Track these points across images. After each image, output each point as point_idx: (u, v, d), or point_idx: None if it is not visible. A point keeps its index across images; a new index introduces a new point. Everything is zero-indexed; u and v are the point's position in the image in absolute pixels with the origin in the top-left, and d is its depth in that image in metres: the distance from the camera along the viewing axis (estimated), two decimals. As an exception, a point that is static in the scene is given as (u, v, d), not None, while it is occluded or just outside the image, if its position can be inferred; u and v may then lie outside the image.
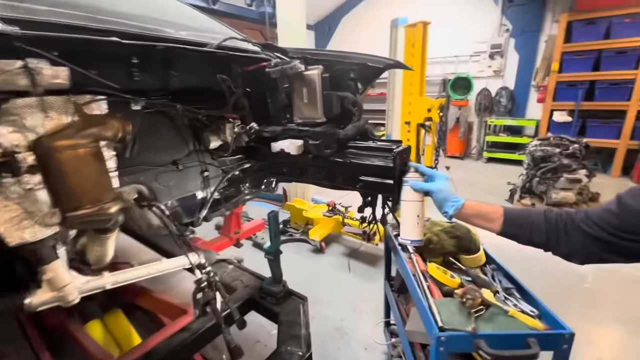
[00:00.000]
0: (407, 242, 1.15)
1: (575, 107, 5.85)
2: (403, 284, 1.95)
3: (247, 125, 1.37)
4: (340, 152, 1.33)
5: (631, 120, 5.50)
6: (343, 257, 3.47)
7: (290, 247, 3.73)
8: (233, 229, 2.36)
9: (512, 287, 1.31)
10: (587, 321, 2.39)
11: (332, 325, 2.44)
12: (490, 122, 7.08)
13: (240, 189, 1.64)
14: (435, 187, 1.07)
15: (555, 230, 0.96)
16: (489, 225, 1.05)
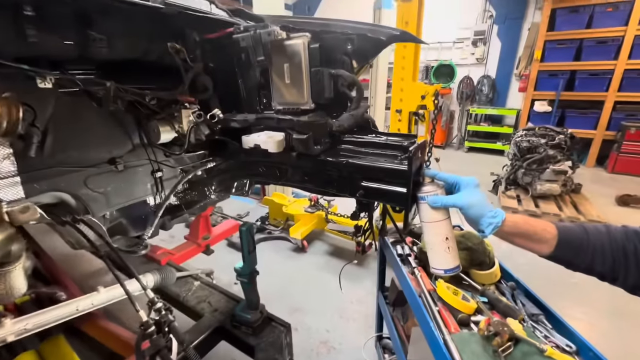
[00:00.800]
0: (440, 272, 0.89)
1: (556, 97, 5.85)
2: (399, 296, 1.71)
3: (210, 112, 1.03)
4: (333, 149, 1.03)
5: (608, 111, 5.57)
6: (327, 256, 3.21)
7: (269, 245, 3.43)
8: (201, 233, 2.02)
9: (539, 314, 1.09)
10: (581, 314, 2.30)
11: (318, 338, 2.19)
12: (472, 111, 7.00)
13: (204, 193, 1.31)
14: (464, 202, 0.80)
15: (624, 255, 0.73)
16: (536, 247, 0.81)
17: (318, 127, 0.97)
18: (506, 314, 1.08)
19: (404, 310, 1.66)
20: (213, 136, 1.09)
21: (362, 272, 2.92)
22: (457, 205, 0.81)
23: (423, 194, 0.85)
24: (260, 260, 1.46)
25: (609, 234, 0.75)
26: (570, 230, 0.78)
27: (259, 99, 1.17)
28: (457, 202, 0.80)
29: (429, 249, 0.92)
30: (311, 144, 0.94)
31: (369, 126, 1.03)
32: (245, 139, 1.02)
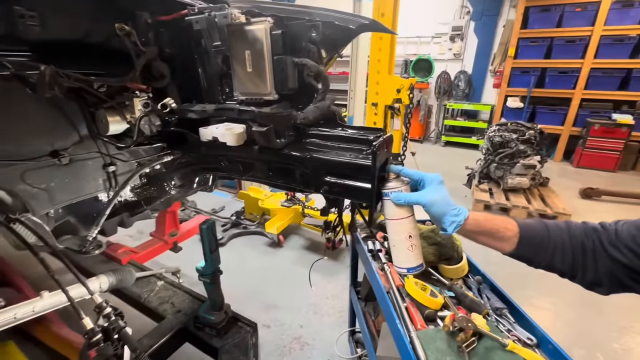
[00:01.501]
0: (403, 270, 0.87)
1: (528, 93, 6.04)
2: (371, 291, 1.71)
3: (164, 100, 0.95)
4: (298, 143, 0.98)
5: (575, 108, 5.82)
6: (303, 251, 3.18)
7: (245, 240, 3.36)
8: (168, 229, 1.93)
9: (503, 308, 1.10)
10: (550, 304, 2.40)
11: (291, 335, 2.16)
12: (449, 106, 7.12)
13: (164, 188, 1.23)
14: (427, 199, 0.78)
15: (582, 253, 0.73)
16: (498, 245, 0.80)
17: (281, 119, 0.91)
18: (471, 309, 1.09)
19: (374, 305, 1.66)
20: (168, 127, 1.01)
21: (338, 267, 2.91)
22: (420, 203, 0.78)
23: (387, 190, 0.82)
24: (235, 256, 1.40)
25: (569, 230, 0.75)
26: (531, 227, 0.78)
27: (221, 89, 1.10)
28: (420, 200, 0.78)
29: (392, 246, 0.90)
30: (273, 136, 0.89)
31: (336, 119, 0.99)
32: (202, 131, 0.95)
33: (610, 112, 5.56)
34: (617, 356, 2.02)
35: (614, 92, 5.51)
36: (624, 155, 5.42)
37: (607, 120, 5.39)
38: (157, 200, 1.25)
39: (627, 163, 5.56)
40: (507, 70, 6.19)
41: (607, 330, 2.20)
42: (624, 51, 5.28)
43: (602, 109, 5.69)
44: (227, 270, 1.58)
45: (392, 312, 1.10)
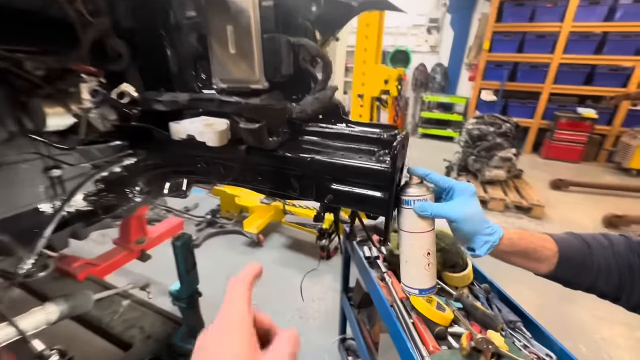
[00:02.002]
0: (414, 291, 0.73)
1: (501, 86, 6.18)
2: (364, 298, 1.59)
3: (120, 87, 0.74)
4: (293, 142, 0.81)
5: (544, 102, 6.04)
6: (285, 250, 3.03)
7: (221, 240, 3.14)
8: (134, 236, 1.69)
9: (517, 321, 1.02)
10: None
11: (276, 343, 2.01)
12: (425, 98, 7.15)
13: (126, 195, 1.01)
14: (460, 214, 0.65)
15: (630, 273, 0.64)
16: (533, 266, 0.69)
17: (273, 113, 0.74)
18: (484, 324, 1.00)
19: (369, 313, 1.55)
20: (129, 122, 0.80)
21: (322, 267, 2.78)
22: (450, 217, 0.65)
23: (409, 197, 0.69)
24: (211, 257, 1.21)
25: (613, 247, 0.66)
26: (571, 245, 0.68)
27: (196, 74, 0.89)
28: (451, 214, 0.65)
29: (404, 261, 0.76)
30: (265, 135, 0.71)
31: (339, 113, 0.83)
32: (174, 127, 0.75)
33: (576, 106, 5.81)
34: (597, 346, 2.08)
35: (580, 86, 5.75)
36: (587, 148, 5.72)
37: (573, 114, 5.64)
38: (118, 208, 1.04)
39: (590, 154, 5.88)
40: (481, 64, 6.28)
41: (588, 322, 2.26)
42: (590, 47, 5.50)
43: (568, 103, 5.94)
44: (203, 274, 1.39)
45: (399, 330, 0.99)
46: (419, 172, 0.70)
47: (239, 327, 0.35)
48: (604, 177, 5.20)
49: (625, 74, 5.37)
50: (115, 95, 0.71)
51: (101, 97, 0.68)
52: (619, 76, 5.41)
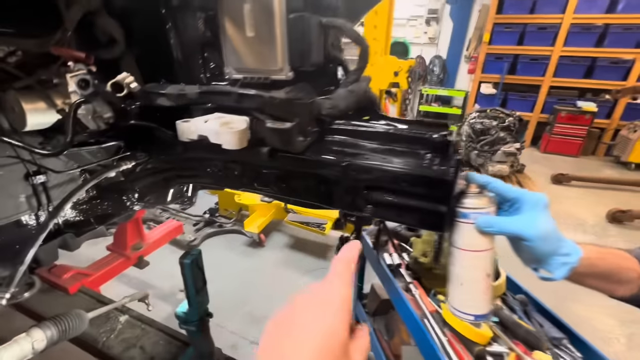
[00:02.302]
0: (469, 317, 0.63)
1: (500, 79, 6.10)
2: (380, 306, 1.50)
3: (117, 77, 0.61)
4: (321, 142, 0.69)
5: (544, 95, 5.98)
6: (288, 250, 2.92)
7: (220, 241, 3.02)
8: (130, 242, 1.56)
9: (562, 337, 0.92)
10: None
11: (283, 351, 1.91)
12: (424, 92, 7.05)
13: (123, 203, 0.88)
14: (535, 232, 0.54)
15: None
16: (610, 288, 0.60)
17: (302, 109, 0.62)
18: (528, 342, 0.90)
19: (386, 322, 1.46)
20: (126, 120, 0.67)
21: (324, 264, 2.69)
22: (524, 236, 0.54)
23: (468, 210, 0.58)
24: (211, 258, 1.08)
25: None
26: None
27: (204, 63, 0.77)
28: (526, 232, 0.54)
29: (456, 284, 0.66)
30: (295, 136, 0.59)
31: (375, 109, 0.71)
32: (183, 126, 0.63)
33: (575, 100, 5.77)
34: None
35: (580, 80, 5.71)
36: (586, 141, 5.70)
37: (573, 107, 5.60)
38: (113, 217, 0.91)
39: (588, 148, 5.86)
40: (481, 56, 6.19)
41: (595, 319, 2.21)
42: (591, 40, 5.44)
43: (568, 96, 5.89)
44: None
45: (434, 349, 0.88)
46: (479, 179, 0.59)
47: (339, 305, 0.34)
48: (603, 171, 5.19)
49: (625, 67, 5.33)
50: (110, 87, 0.58)
51: (92, 90, 0.55)
52: (619, 69, 5.38)
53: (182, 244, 2.79)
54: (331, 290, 0.37)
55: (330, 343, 0.32)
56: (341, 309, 0.34)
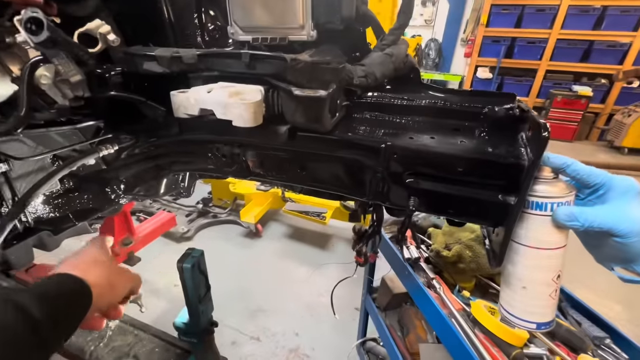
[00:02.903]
0: (531, 325, 0.53)
1: (497, 63, 5.99)
2: (393, 299, 1.41)
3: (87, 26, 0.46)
4: (350, 119, 0.57)
5: (540, 79, 5.91)
6: (286, 240, 2.81)
7: (216, 231, 2.88)
8: (119, 236, 1.42)
9: (604, 337, 0.84)
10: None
11: (286, 346, 1.84)
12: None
13: (106, 196, 0.74)
14: (631, 227, 0.43)
15: None
16: None
17: (332, 76, 0.49)
18: (571, 344, 0.82)
19: (399, 317, 1.37)
20: (104, 91, 0.52)
21: (327, 256, 2.61)
22: (617, 232, 0.44)
23: (543, 199, 0.46)
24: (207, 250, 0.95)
25: None
26: None
27: (201, 22, 0.62)
28: (619, 227, 0.43)
29: (517, 287, 0.55)
30: (326, 110, 0.47)
31: (417, 78, 0.58)
32: (178, 98, 0.49)
33: (571, 84, 5.72)
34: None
35: (576, 63, 5.64)
36: (580, 126, 5.69)
37: (569, 91, 5.55)
38: (95, 213, 0.77)
39: (583, 133, 5.87)
40: (478, 39, 6.04)
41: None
42: (589, 22, 5.35)
43: (563, 80, 5.84)
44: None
45: (469, 353, 0.79)
46: (555, 161, 0.47)
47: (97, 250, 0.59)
48: (597, 155, 5.21)
49: (622, 50, 5.28)
50: (77, 38, 0.43)
51: (48, 35, 0.39)
52: (616, 52, 5.32)
53: (175, 236, 2.66)
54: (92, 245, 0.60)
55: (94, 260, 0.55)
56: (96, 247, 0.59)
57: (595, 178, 0.47)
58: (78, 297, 0.48)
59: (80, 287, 0.48)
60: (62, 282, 0.47)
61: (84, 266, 0.53)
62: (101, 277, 0.52)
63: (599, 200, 0.48)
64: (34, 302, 0.40)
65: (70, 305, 0.46)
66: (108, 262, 0.57)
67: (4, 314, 0.38)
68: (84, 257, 0.56)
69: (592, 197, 0.49)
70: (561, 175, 0.49)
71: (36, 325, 0.39)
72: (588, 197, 0.49)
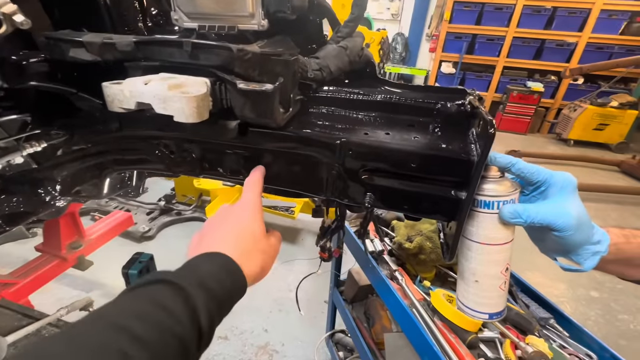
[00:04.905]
0: (483, 316, 0.55)
1: (460, 59, 6.24)
2: (360, 291, 1.43)
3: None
4: (305, 115, 0.55)
5: (498, 75, 6.25)
6: (254, 236, 2.75)
7: (180, 230, 2.76)
8: (65, 240, 1.30)
9: (549, 317, 0.91)
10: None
11: (255, 344, 1.81)
12: (387, 70, 7.00)
13: (40, 198, 0.67)
14: (570, 221, 0.46)
15: None
16: (631, 273, 0.54)
17: (283, 69, 0.46)
18: (520, 327, 0.87)
19: (365, 309, 1.40)
20: (24, 80, 0.46)
21: (294, 250, 2.60)
22: (557, 227, 0.46)
23: (490, 197, 0.48)
24: (169, 251, 0.93)
25: None
26: None
27: (142, 6, 0.57)
28: (559, 222, 0.46)
29: (470, 280, 0.57)
30: (277, 103, 0.44)
31: (373, 71, 0.57)
32: (111, 90, 0.44)
33: (525, 80, 6.11)
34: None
35: (530, 61, 6.02)
36: (533, 120, 6.11)
37: (523, 87, 5.92)
38: (29, 217, 0.69)
39: (535, 126, 6.30)
40: (442, 35, 6.23)
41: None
42: (541, 22, 5.71)
43: (518, 76, 6.21)
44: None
45: (427, 340, 0.82)
46: (502, 161, 0.49)
47: (252, 210, 0.48)
48: (547, 147, 5.63)
49: (569, 49, 5.70)
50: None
51: None
52: (564, 51, 5.74)
53: (136, 236, 2.50)
54: (246, 200, 0.49)
55: (246, 234, 0.45)
56: (254, 212, 0.48)
57: (538, 175, 0.49)
58: (235, 297, 0.40)
59: (241, 284, 0.40)
60: (223, 273, 0.38)
61: (243, 249, 0.43)
62: (257, 264, 0.44)
63: (541, 196, 0.50)
64: (203, 308, 0.33)
65: (228, 308, 0.39)
66: (264, 240, 0.46)
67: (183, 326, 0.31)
68: (242, 228, 0.45)
69: (535, 193, 0.51)
70: (507, 174, 0.51)
71: (200, 337, 0.33)
72: (532, 194, 0.51)
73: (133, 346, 0.27)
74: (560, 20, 5.62)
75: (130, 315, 0.30)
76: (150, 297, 0.32)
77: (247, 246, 0.44)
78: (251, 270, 0.42)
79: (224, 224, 0.46)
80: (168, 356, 0.29)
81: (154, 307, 0.31)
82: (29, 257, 1.69)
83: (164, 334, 0.30)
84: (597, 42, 5.53)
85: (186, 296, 0.33)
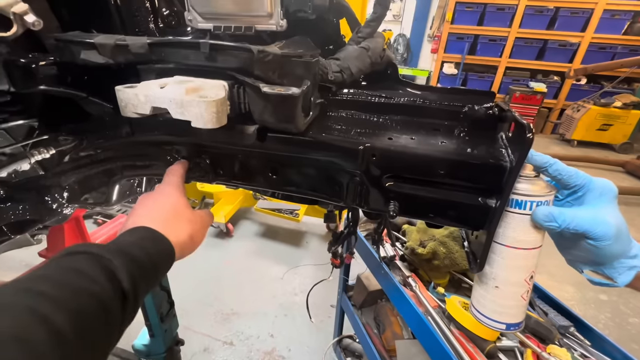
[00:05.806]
0: (501, 326, 0.53)
1: (462, 60, 6.22)
2: (369, 297, 1.41)
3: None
4: (323, 119, 0.52)
5: (500, 75, 6.23)
6: (258, 239, 2.74)
7: (183, 233, 2.73)
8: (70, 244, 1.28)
9: (569, 325, 0.88)
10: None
11: (261, 349, 1.78)
12: (388, 71, 6.99)
13: (46, 206, 0.64)
14: (607, 230, 0.43)
15: None
16: None
17: (304, 71, 0.44)
18: (540, 335, 0.85)
19: (375, 315, 1.37)
20: (33, 85, 0.44)
21: (301, 254, 2.57)
22: (594, 235, 0.43)
23: (523, 197, 0.45)
24: None
25: None
26: None
27: (153, 6, 0.55)
28: (596, 230, 0.43)
29: (489, 286, 0.54)
30: (299, 110, 0.42)
31: (395, 74, 0.55)
32: (125, 95, 0.41)
33: (528, 80, 6.09)
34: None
35: (532, 61, 6.01)
36: (536, 120, 6.08)
37: (526, 87, 5.90)
38: (35, 224, 0.67)
39: (538, 127, 6.28)
40: (444, 35, 6.23)
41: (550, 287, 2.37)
42: (543, 22, 5.70)
43: (521, 77, 6.20)
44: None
45: (445, 350, 0.79)
46: (538, 160, 0.46)
47: (174, 188, 0.50)
48: (551, 147, 5.60)
49: (572, 49, 5.68)
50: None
51: None
52: (567, 51, 5.72)
53: (138, 239, 2.49)
54: (165, 182, 0.51)
55: (166, 206, 0.47)
56: (173, 188, 0.50)
57: (576, 179, 0.46)
58: (162, 263, 0.42)
59: (167, 251, 0.42)
60: (145, 241, 0.40)
61: (165, 219, 0.45)
62: (183, 232, 0.46)
63: (576, 201, 0.47)
64: (121, 269, 0.34)
65: (155, 274, 0.40)
66: (188, 211, 0.49)
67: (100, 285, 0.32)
68: (161, 203, 0.47)
69: (570, 198, 0.48)
70: (542, 174, 0.48)
71: (125, 298, 0.34)
72: (567, 199, 0.49)
73: (45, 303, 0.28)
74: (562, 20, 5.60)
75: (44, 280, 0.30)
76: (66, 265, 0.33)
77: (169, 216, 0.46)
78: (178, 238, 0.45)
79: (144, 205, 0.48)
80: (86, 314, 0.30)
81: (67, 271, 0.32)
82: (32, 262, 1.67)
83: (79, 294, 0.30)
84: (600, 42, 5.51)
85: (102, 260, 0.34)
